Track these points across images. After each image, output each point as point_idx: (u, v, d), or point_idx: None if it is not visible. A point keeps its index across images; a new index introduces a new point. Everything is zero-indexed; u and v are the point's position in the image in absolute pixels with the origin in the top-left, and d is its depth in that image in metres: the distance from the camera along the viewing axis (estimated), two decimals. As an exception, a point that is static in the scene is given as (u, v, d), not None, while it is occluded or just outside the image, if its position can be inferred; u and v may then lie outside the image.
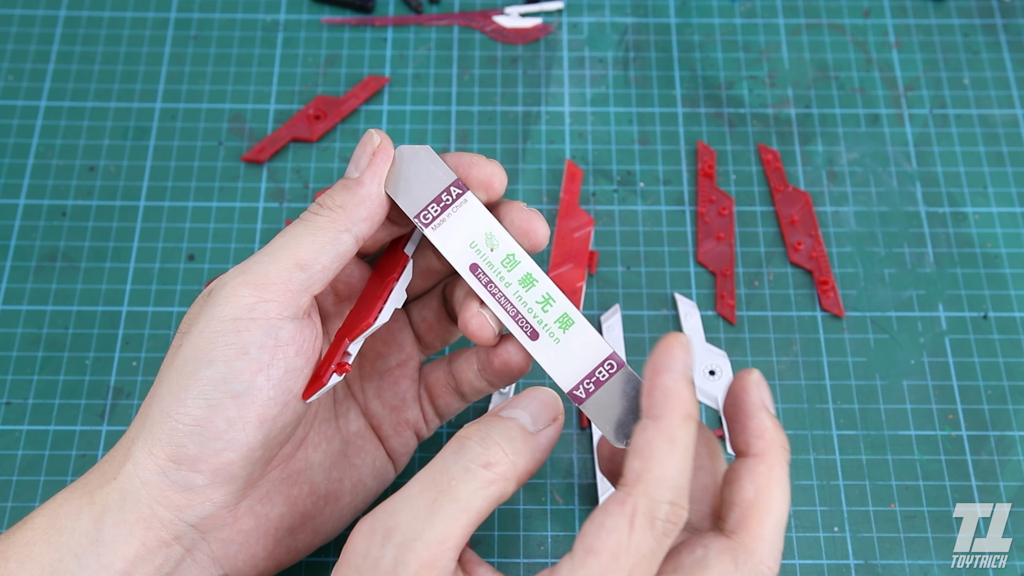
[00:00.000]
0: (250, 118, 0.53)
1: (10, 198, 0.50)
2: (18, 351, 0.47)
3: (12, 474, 0.44)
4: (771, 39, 0.56)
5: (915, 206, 0.51)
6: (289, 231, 0.34)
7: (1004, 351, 0.47)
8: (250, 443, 0.32)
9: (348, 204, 0.34)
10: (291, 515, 0.36)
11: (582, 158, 0.52)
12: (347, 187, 0.34)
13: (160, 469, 0.32)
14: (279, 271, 0.33)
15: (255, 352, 0.32)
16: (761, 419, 0.31)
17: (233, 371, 0.32)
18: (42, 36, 0.55)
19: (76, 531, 0.32)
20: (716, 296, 0.48)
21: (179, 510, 0.32)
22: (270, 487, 0.35)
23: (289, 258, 0.33)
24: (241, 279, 0.33)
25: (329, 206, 0.34)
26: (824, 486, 0.44)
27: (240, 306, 0.32)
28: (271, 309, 0.32)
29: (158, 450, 0.32)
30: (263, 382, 0.32)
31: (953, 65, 0.55)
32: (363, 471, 0.39)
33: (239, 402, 0.32)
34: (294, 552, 0.37)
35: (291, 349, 0.33)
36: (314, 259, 0.33)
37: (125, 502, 0.32)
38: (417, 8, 0.56)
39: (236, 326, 0.32)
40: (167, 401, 0.32)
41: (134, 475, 0.32)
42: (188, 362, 0.32)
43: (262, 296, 0.32)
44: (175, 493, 0.32)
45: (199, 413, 0.32)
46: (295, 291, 0.33)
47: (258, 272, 0.33)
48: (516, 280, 0.34)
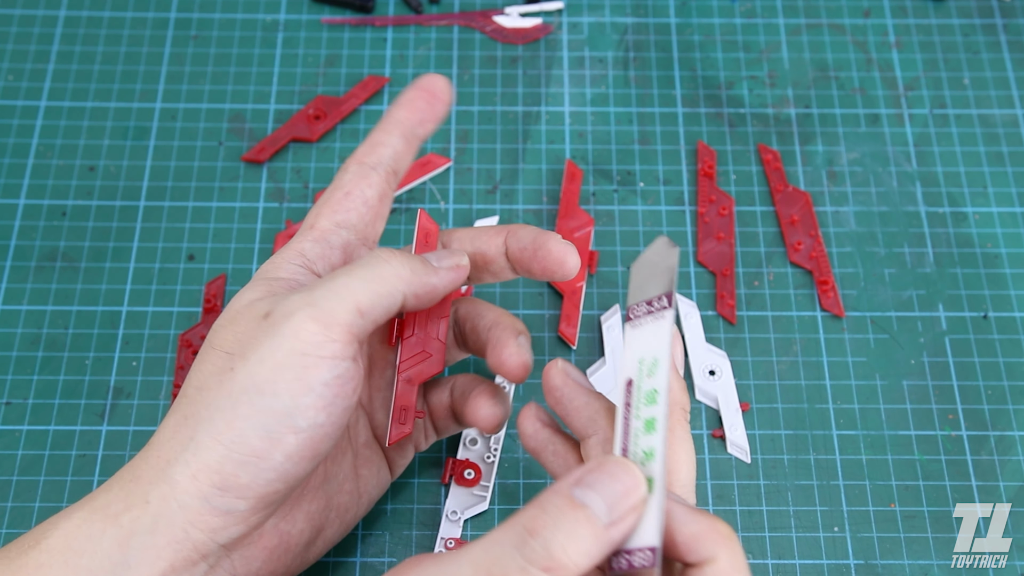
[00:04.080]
0: (250, 118, 0.53)
1: (10, 198, 0.50)
2: (18, 351, 0.47)
3: (12, 474, 0.44)
4: (771, 39, 0.56)
5: (915, 206, 0.51)
6: (357, 271, 0.33)
7: (1004, 351, 0.47)
8: (300, 475, 0.32)
9: (420, 273, 0.34)
10: (309, 530, 0.36)
11: (582, 158, 0.52)
12: (427, 268, 0.35)
13: (203, 495, 0.31)
14: (345, 312, 0.32)
15: (320, 390, 0.31)
16: (669, 377, 0.31)
17: (299, 407, 0.31)
18: (42, 36, 0.55)
19: (98, 555, 0.31)
20: (716, 296, 0.48)
21: (214, 532, 0.31)
22: (292, 505, 0.35)
23: (353, 301, 0.32)
24: (309, 313, 0.32)
25: (396, 264, 0.34)
26: (824, 486, 0.44)
27: (309, 342, 0.31)
28: (337, 349, 0.32)
29: (204, 477, 0.31)
30: (324, 419, 0.32)
31: (953, 65, 0.55)
32: (369, 482, 0.39)
33: (299, 438, 0.31)
34: (305, 564, 0.37)
35: (350, 388, 0.32)
36: (371, 309, 0.33)
37: (157, 526, 0.31)
38: (417, 8, 0.56)
39: (304, 362, 0.31)
40: (219, 427, 0.31)
41: (171, 498, 0.31)
42: (247, 391, 0.31)
43: (328, 335, 0.32)
44: (213, 517, 0.31)
45: (258, 445, 0.31)
46: (356, 334, 0.32)
47: (325, 309, 0.32)
48: (644, 418, 0.30)
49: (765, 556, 0.42)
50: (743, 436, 0.45)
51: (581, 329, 0.47)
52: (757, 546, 0.43)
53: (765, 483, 0.44)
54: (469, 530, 0.43)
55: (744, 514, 0.43)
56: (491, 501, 0.43)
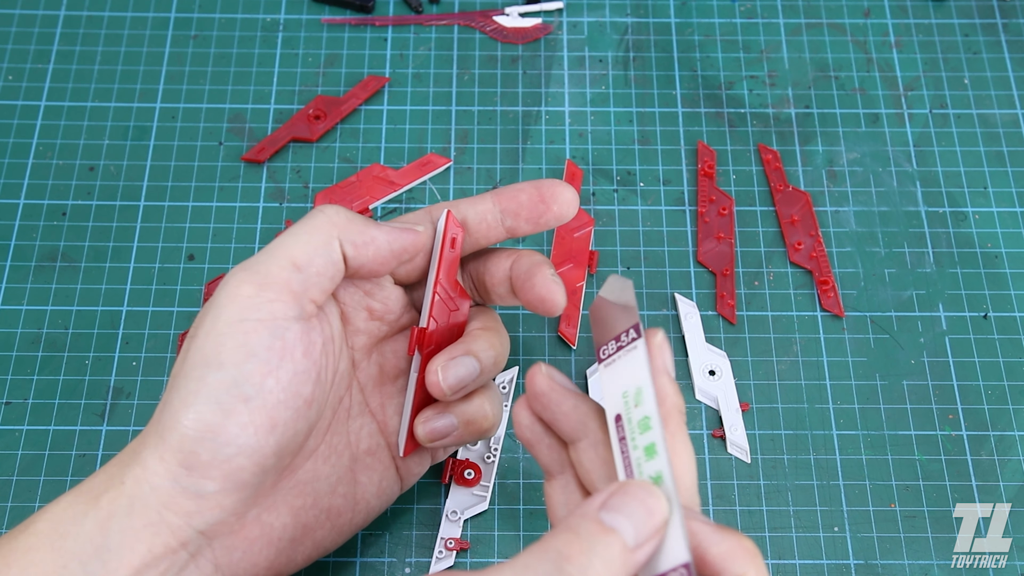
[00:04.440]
0: (250, 118, 0.53)
1: (10, 198, 0.50)
2: (18, 351, 0.47)
3: (12, 474, 0.44)
4: (771, 39, 0.56)
5: (915, 206, 0.51)
6: (292, 228, 0.34)
7: (1004, 351, 0.47)
8: (262, 449, 0.32)
9: (357, 221, 0.34)
10: (293, 526, 0.35)
11: (582, 158, 0.52)
12: (368, 220, 0.34)
13: (171, 475, 0.31)
14: (280, 269, 0.32)
15: (263, 354, 0.31)
16: (663, 384, 0.31)
17: (243, 374, 0.31)
18: (42, 36, 0.55)
19: (81, 537, 0.31)
20: (716, 296, 0.48)
21: (189, 516, 0.32)
22: (276, 497, 0.35)
23: (286, 255, 0.33)
24: (242, 276, 0.32)
25: (330, 211, 0.34)
26: (824, 486, 0.44)
27: (245, 306, 0.32)
28: (276, 309, 0.32)
29: (169, 456, 0.31)
30: (272, 384, 0.32)
31: (953, 65, 0.55)
32: (368, 489, 0.38)
33: (250, 406, 0.31)
34: (292, 564, 0.36)
35: (298, 351, 0.32)
36: (308, 262, 0.33)
37: (133, 508, 0.31)
38: (417, 8, 0.56)
39: (243, 327, 0.32)
40: (176, 406, 0.31)
41: (143, 480, 0.32)
42: (196, 366, 0.32)
43: (265, 296, 0.32)
44: (185, 499, 0.32)
45: (211, 418, 0.31)
46: (296, 291, 0.32)
47: (259, 270, 0.32)
48: (642, 447, 0.30)
49: (765, 556, 0.42)
50: (743, 436, 0.45)
51: (581, 329, 0.47)
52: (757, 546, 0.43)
53: (765, 483, 0.44)
54: (469, 530, 0.43)
55: (744, 514, 0.43)
56: (491, 501, 0.43)
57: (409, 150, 0.52)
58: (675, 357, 0.47)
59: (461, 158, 0.52)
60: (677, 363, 0.47)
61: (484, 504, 0.43)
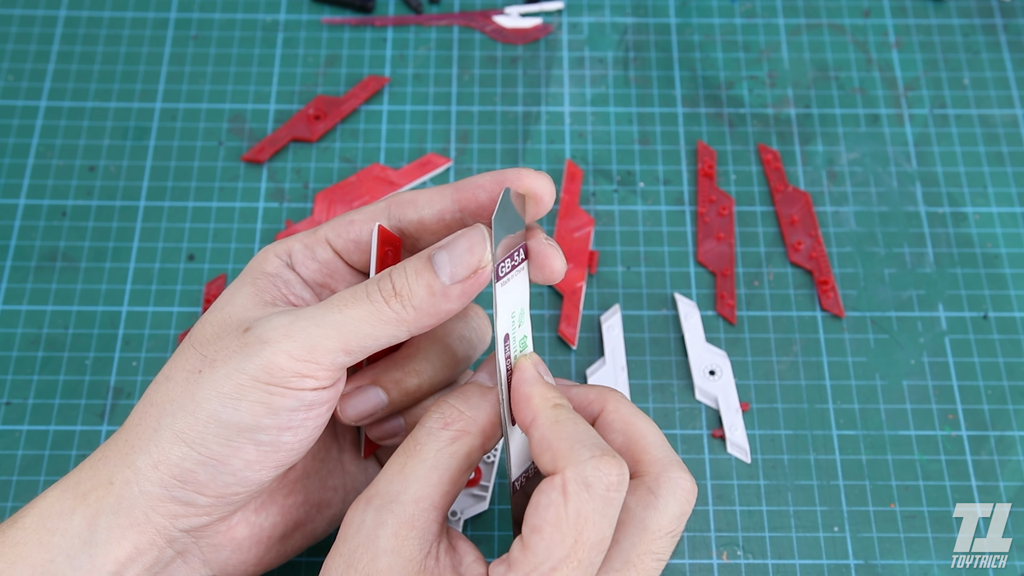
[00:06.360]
0: (250, 118, 0.53)
1: (10, 198, 0.50)
2: (18, 351, 0.47)
3: (12, 474, 0.44)
4: (771, 39, 0.56)
5: (915, 206, 0.51)
6: (350, 305, 0.31)
7: (1004, 351, 0.47)
8: (262, 482, 0.32)
9: (424, 308, 0.31)
10: (284, 524, 0.36)
11: (582, 158, 0.52)
12: (432, 290, 0.31)
13: (163, 484, 0.31)
14: (326, 353, 0.31)
15: (285, 416, 0.31)
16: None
17: (261, 426, 0.31)
18: (42, 36, 0.55)
19: (68, 532, 0.32)
20: (716, 296, 0.48)
21: (175, 518, 0.32)
22: (266, 497, 0.35)
23: (340, 341, 0.31)
24: (286, 347, 0.31)
25: (403, 302, 0.31)
26: (824, 486, 0.44)
27: (278, 376, 0.31)
28: (308, 383, 0.31)
29: (164, 468, 0.31)
30: (289, 438, 0.32)
31: (953, 65, 0.55)
32: (358, 478, 0.38)
33: (261, 450, 0.31)
34: (283, 556, 0.36)
35: (323, 409, 0.32)
36: (363, 348, 0.32)
37: (120, 507, 0.32)
38: (417, 8, 0.56)
39: (269, 390, 0.31)
40: (181, 426, 0.31)
41: (133, 483, 0.32)
42: (210, 400, 0.31)
43: (302, 372, 0.31)
44: (174, 505, 0.32)
45: (218, 450, 0.31)
46: (337, 368, 0.32)
47: (305, 346, 0.31)
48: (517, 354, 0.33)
49: (765, 556, 0.42)
50: (743, 436, 0.45)
51: (581, 329, 0.47)
52: (757, 546, 0.43)
53: (765, 483, 0.44)
54: (469, 530, 0.43)
55: (744, 514, 0.43)
56: (491, 501, 0.43)
57: (409, 150, 0.52)
58: (675, 357, 0.47)
59: (461, 158, 0.52)
60: (678, 363, 0.47)
61: (484, 504, 0.43)
